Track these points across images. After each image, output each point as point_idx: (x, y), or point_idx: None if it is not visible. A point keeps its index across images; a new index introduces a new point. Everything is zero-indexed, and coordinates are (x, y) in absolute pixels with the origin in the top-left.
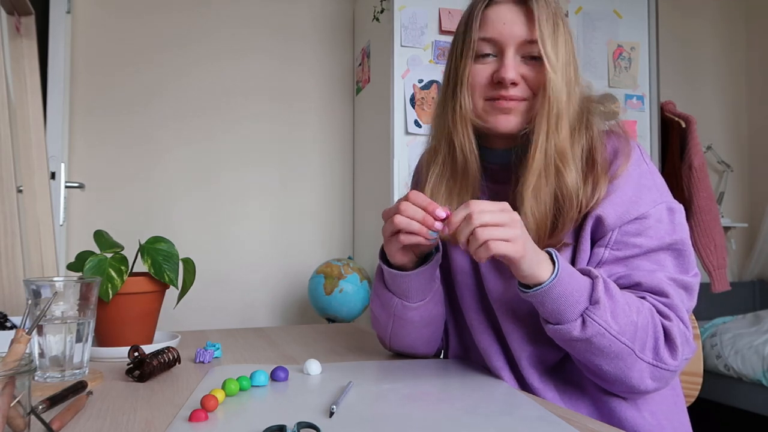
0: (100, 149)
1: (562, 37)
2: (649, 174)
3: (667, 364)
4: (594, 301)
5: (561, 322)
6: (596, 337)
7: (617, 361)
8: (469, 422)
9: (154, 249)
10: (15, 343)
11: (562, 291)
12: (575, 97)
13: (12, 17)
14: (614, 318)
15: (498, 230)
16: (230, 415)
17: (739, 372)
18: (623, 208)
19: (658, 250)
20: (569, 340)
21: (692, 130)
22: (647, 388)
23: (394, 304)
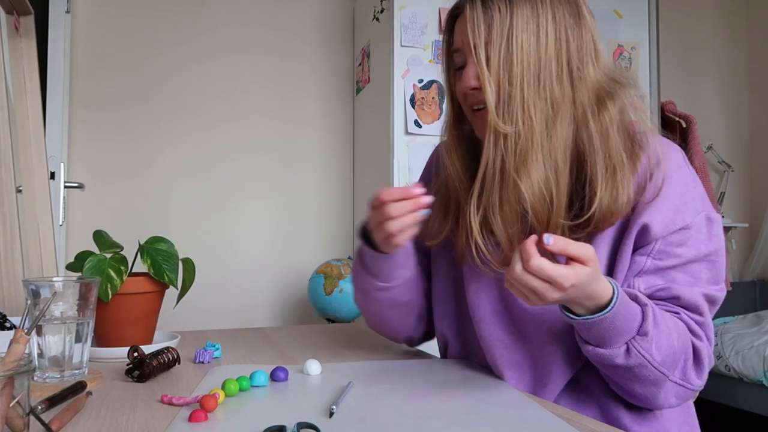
0: (100, 149)
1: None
2: (692, 181)
3: (692, 384)
4: (642, 333)
5: (603, 346)
6: (638, 368)
7: (650, 386)
8: (469, 422)
9: (154, 249)
10: (14, 343)
11: (612, 322)
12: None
13: (11, 17)
14: (658, 349)
15: (532, 296)
16: (230, 415)
17: (739, 372)
18: (670, 218)
19: (695, 261)
20: (609, 365)
21: (692, 130)
22: (670, 405)
23: (365, 282)
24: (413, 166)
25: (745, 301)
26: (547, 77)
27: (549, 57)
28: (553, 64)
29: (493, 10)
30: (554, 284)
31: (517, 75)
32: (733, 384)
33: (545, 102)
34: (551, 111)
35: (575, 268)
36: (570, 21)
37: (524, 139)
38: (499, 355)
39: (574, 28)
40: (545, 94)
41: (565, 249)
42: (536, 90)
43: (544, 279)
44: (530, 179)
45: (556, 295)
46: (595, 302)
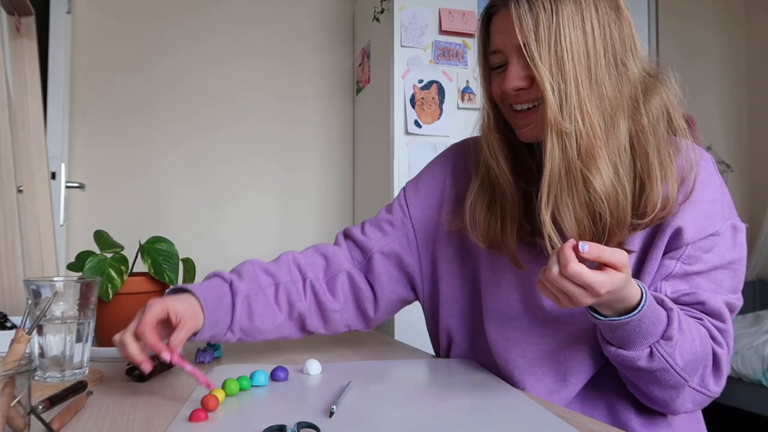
0: (101, 149)
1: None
2: (721, 188)
3: (710, 390)
4: (667, 337)
5: (626, 348)
6: (660, 372)
7: (670, 390)
8: (470, 422)
9: (154, 249)
10: (15, 343)
11: (639, 325)
12: (608, 88)
13: (12, 17)
14: (681, 354)
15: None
16: (230, 415)
17: (739, 372)
18: (701, 223)
19: (719, 268)
20: (631, 367)
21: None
22: (686, 410)
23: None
24: (413, 166)
25: (744, 301)
26: (598, 72)
27: (597, 52)
28: (602, 59)
29: (538, 8)
30: (590, 290)
31: (570, 72)
32: (733, 384)
33: (600, 98)
34: (608, 107)
35: (611, 275)
36: (612, 14)
37: (587, 136)
38: (518, 356)
39: (616, 22)
40: (599, 90)
41: (600, 256)
42: (590, 86)
43: (579, 284)
44: (600, 176)
45: (589, 300)
46: (623, 305)
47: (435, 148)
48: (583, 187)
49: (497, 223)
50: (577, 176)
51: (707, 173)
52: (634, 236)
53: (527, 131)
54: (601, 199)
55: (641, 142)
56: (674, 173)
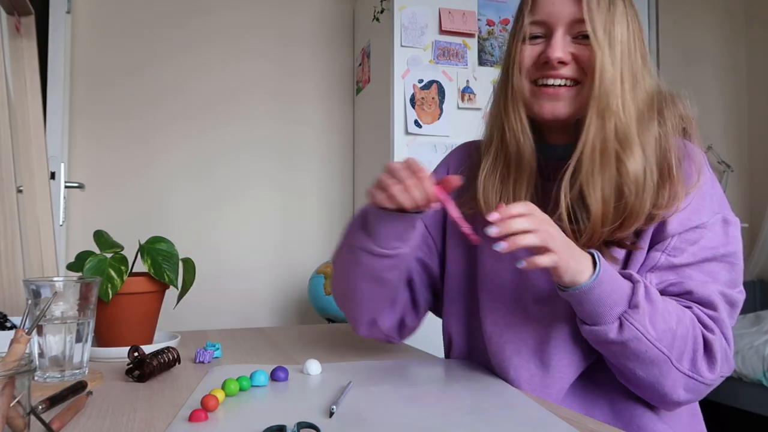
0: (101, 149)
1: (621, 17)
2: (711, 182)
3: (703, 376)
4: (633, 305)
5: (598, 324)
6: (632, 341)
7: (652, 368)
8: (469, 422)
9: (154, 249)
10: (15, 343)
11: (601, 293)
12: (644, 85)
13: (12, 17)
14: (652, 324)
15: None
16: (230, 415)
17: (739, 372)
18: (686, 215)
19: (711, 260)
20: (605, 342)
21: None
22: (679, 398)
23: (357, 236)
24: None
25: (744, 301)
26: (636, 68)
27: (636, 50)
28: (638, 58)
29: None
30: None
31: (618, 58)
32: (733, 384)
33: (637, 91)
34: (641, 102)
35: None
36: (641, 35)
37: (625, 121)
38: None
39: (641, 33)
40: (637, 84)
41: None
42: (631, 78)
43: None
44: (634, 158)
45: (550, 227)
46: (581, 269)
47: (435, 148)
48: (616, 167)
49: (511, 195)
50: (611, 155)
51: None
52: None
53: (552, 107)
54: (631, 181)
55: (665, 143)
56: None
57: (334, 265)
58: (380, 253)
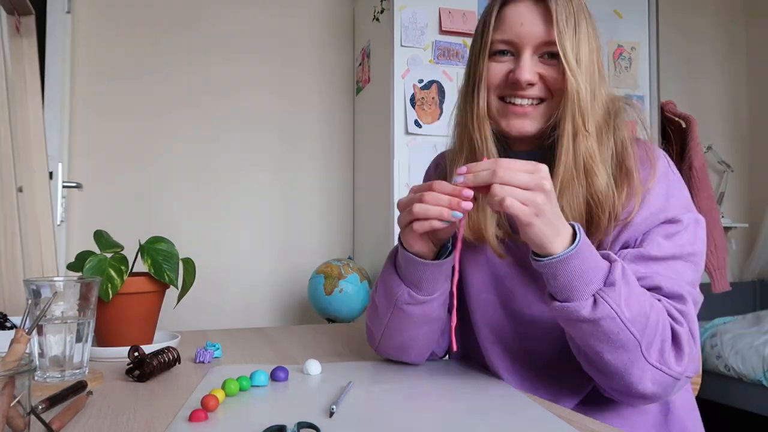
0: (101, 149)
1: (585, 36)
2: (677, 183)
3: (670, 368)
4: (609, 283)
5: (570, 300)
6: (605, 320)
7: (621, 352)
8: (469, 422)
9: (154, 249)
10: (15, 343)
11: (578, 265)
12: (601, 99)
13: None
14: (627, 305)
15: (517, 191)
16: (230, 415)
17: (739, 372)
18: (653, 210)
19: (678, 258)
20: (576, 320)
21: (692, 130)
22: (645, 390)
23: (399, 293)
24: (413, 166)
25: (744, 301)
26: (595, 85)
27: (595, 66)
28: (596, 72)
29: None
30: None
31: (585, 76)
32: (733, 384)
33: (597, 108)
34: (600, 116)
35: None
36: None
37: (592, 138)
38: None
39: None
40: (596, 99)
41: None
42: (592, 94)
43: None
44: (601, 175)
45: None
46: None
47: (435, 148)
48: (587, 184)
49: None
50: (582, 173)
51: (662, 172)
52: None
53: (520, 124)
54: (599, 197)
55: (621, 151)
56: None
57: (375, 326)
58: (428, 299)
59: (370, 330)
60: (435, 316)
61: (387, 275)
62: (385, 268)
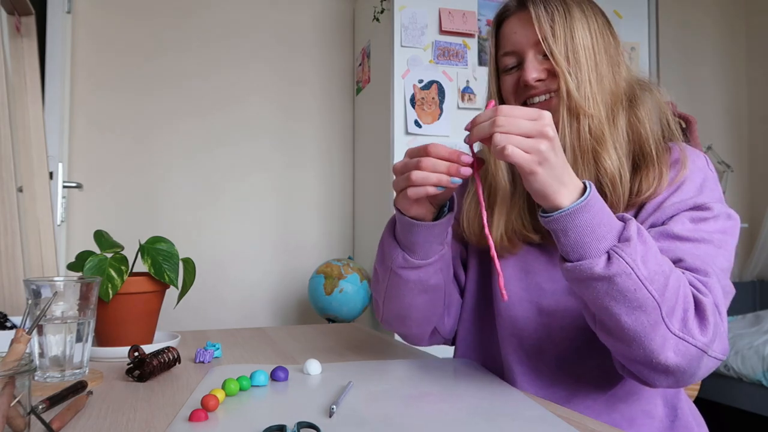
0: (101, 149)
1: (580, 23)
2: (713, 179)
3: (695, 338)
4: (624, 239)
5: (583, 258)
6: (621, 277)
7: (639, 314)
8: (470, 422)
9: (154, 249)
10: (15, 342)
11: (589, 220)
12: (611, 84)
13: (12, 17)
14: (644, 262)
15: (518, 139)
16: (230, 415)
17: (739, 372)
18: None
19: (710, 243)
20: (589, 278)
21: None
22: (667, 361)
23: (395, 256)
24: None
25: (744, 301)
26: (601, 68)
27: (599, 50)
28: (603, 57)
29: (552, 10)
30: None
31: (582, 64)
32: (733, 384)
33: (603, 91)
34: (609, 99)
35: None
36: (606, 29)
37: (597, 120)
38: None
39: (610, 34)
40: (603, 83)
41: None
42: (596, 78)
43: (523, 116)
44: (609, 156)
45: (545, 128)
46: (561, 183)
47: None
48: (594, 166)
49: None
50: (588, 155)
51: (697, 167)
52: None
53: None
54: (609, 178)
55: (637, 134)
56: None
57: (378, 294)
58: (423, 264)
59: (375, 299)
60: (432, 284)
61: (385, 240)
62: (383, 234)
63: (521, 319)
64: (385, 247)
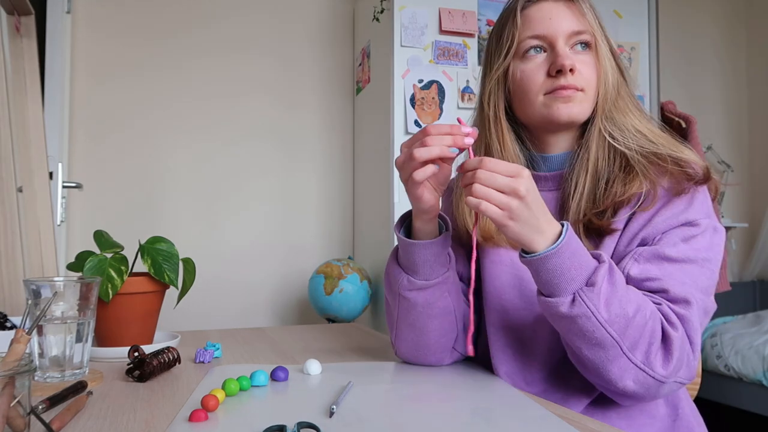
0: (101, 149)
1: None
2: (702, 193)
3: (654, 371)
4: (590, 283)
5: (553, 295)
6: (581, 318)
7: (598, 350)
8: (469, 422)
9: (154, 249)
10: (15, 343)
11: (560, 264)
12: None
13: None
14: (607, 306)
15: (494, 194)
16: (230, 415)
17: (739, 372)
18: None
19: (694, 262)
20: (556, 314)
21: (692, 130)
22: (626, 388)
23: (400, 280)
24: None
25: (744, 301)
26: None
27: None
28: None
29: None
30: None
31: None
32: (733, 384)
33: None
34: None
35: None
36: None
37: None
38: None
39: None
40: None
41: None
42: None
43: (502, 172)
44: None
45: (521, 186)
46: (538, 238)
47: None
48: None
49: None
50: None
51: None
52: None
53: (567, 109)
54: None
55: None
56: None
57: (391, 326)
58: (427, 285)
59: (390, 332)
60: (441, 306)
61: (389, 267)
62: (388, 262)
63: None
64: (390, 273)
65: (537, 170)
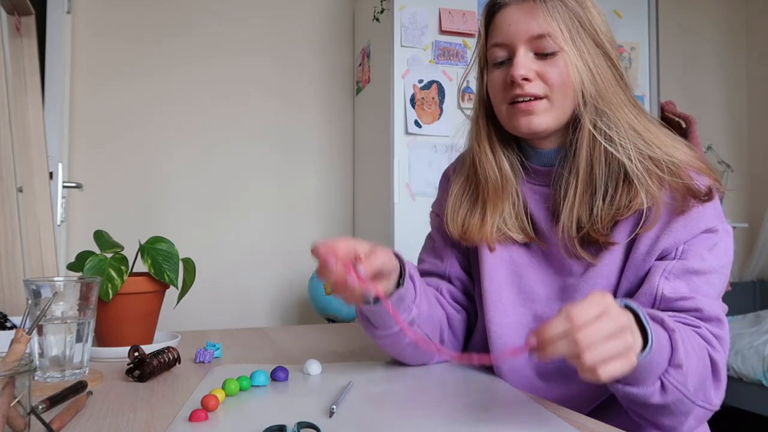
0: (101, 149)
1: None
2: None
3: (712, 404)
4: (676, 365)
5: (635, 384)
6: (675, 404)
7: (681, 417)
8: (469, 422)
9: (154, 249)
10: (15, 343)
11: (651, 360)
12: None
13: (12, 17)
14: (690, 378)
15: (608, 349)
16: (230, 415)
17: (739, 372)
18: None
19: (715, 272)
20: (642, 404)
21: (692, 130)
22: (689, 428)
23: (365, 326)
24: (413, 166)
25: (744, 301)
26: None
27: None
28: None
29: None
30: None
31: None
32: (733, 384)
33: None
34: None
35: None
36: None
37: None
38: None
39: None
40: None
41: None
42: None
43: (595, 316)
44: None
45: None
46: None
47: (435, 148)
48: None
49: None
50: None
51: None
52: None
53: (527, 121)
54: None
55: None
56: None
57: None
58: (385, 334)
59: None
60: (407, 342)
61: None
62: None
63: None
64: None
65: (530, 162)
